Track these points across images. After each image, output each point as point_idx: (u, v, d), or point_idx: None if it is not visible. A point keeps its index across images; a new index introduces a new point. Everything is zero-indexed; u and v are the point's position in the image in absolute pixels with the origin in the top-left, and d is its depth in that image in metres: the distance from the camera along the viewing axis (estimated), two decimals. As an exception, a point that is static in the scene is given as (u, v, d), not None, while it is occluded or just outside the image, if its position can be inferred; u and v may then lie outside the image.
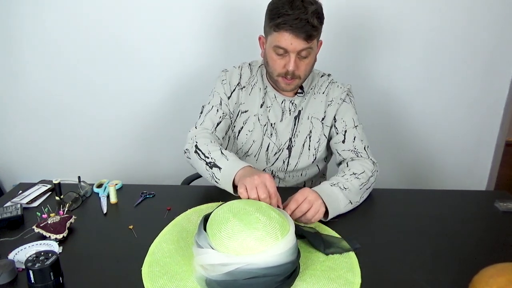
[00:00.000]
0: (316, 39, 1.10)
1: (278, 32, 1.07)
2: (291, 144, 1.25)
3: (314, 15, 1.04)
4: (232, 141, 1.29)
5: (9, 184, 2.10)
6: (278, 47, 1.09)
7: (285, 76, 1.13)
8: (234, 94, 1.25)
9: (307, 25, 1.04)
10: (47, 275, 0.76)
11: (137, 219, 1.04)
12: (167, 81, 1.87)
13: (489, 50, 1.77)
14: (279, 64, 1.12)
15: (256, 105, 1.25)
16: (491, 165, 1.99)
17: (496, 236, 0.96)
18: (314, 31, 1.06)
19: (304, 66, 1.13)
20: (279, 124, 1.25)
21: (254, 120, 1.25)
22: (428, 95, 1.86)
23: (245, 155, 1.28)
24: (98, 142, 2.01)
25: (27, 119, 1.99)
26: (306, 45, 1.07)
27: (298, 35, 1.05)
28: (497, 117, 1.90)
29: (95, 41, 1.82)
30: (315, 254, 0.87)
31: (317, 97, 1.25)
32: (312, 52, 1.12)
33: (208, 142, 1.12)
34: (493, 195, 1.15)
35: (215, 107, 1.23)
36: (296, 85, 1.17)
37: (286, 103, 1.24)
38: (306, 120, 1.24)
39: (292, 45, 1.07)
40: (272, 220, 0.77)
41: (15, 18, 1.80)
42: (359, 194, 1.09)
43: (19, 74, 1.91)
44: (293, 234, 0.79)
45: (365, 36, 1.77)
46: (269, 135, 1.25)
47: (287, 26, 1.04)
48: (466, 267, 0.81)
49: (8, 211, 1.04)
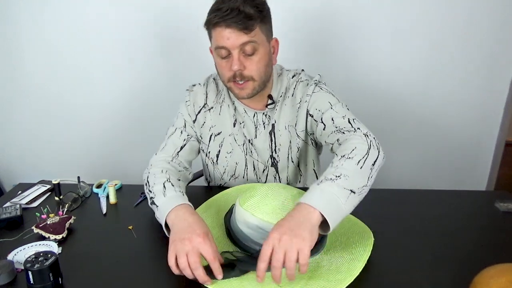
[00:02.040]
0: (258, 30, 0.98)
1: (214, 31, 0.99)
2: (274, 160, 1.17)
3: (246, 2, 0.95)
4: (213, 167, 1.22)
5: (9, 184, 2.10)
6: (218, 48, 1.00)
7: (235, 80, 1.02)
8: (200, 116, 1.17)
9: (239, 14, 0.94)
10: (46, 276, 0.76)
11: (137, 219, 1.04)
12: (167, 81, 1.87)
13: (489, 50, 1.77)
14: (225, 67, 1.02)
15: (229, 125, 1.16)
16: (491, 165, 1.99)
17: (496, 236, 0.96)
18: (250, 19, 0.95)
19: (254, 65, 1.01)
20: (255, 140, 1.16)
21: (231, 141, 1.17)
22: (428, 95, 1.86)
23: (233, 178, 1.21)
24: (97, 142, 2.01)
25: (27, 120, 1.99)
26: (245, 37, 0.96)
27: (231, 26, 0.95)
28: (497, 117, 1.90)
29: (95, 41, 1.82)
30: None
31: (288, 103, 1.13)
32: (260, 48, 1.00)
33: (159, 172, 1.01)
34: (493, 195, 1.15)
35: (178, 129, 1.16)
36: (252, 90, 1.04)
37: (259, 116, 1.14)
38: (284, 131, 1.14)
39: (230, 40, 0.97)
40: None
41: (15, 18, 1.80)
42: (363, 175, 0.85)
43: (19, 75, 1.91)
44: None
45: (365, 36, 1.77)
46: (250, 153, 1.17)
47: (218, 19, 0.95)
48: (466, 267, 0.81)
49: (7, 211, 1.04)
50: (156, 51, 1.81)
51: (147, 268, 0.85)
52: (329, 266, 0.81)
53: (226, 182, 1.24)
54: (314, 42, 1.79)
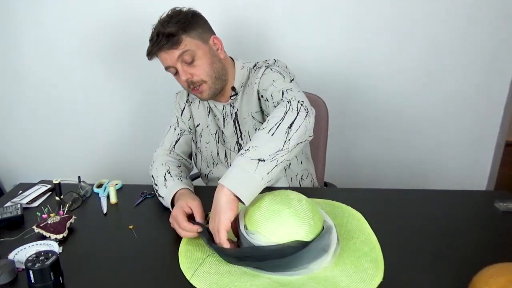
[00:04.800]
0: (187, 39, 1.08)
1: (157, 57, 1.12)
2: (240, 147, 1.24)
3: (166, 23, 1.07)
4: (200, 157, 1.32)
5: (9, 184, 2.10)
6: (166, 69, 1.13)
7: (191, 87, 1.14)
8: (185, 111, 1.29)
9: (163, 36, 1.06)
10: (47, 275, 0.76)
11: (137, 219, 1.05)
12: (168, 81, 1.87)
13: (489, 50, 1.77)
14: (180, 81, 1.14)
15: (204, 117, 1.27)
16: (491, 165, 1.99)
17: (496, 236, 0.96)
18: (173, 36, 1.06)
19: (199, 69, 1.11)
20: (224, 130, 1.25)
21: (207, 132, 1.27)
22: (428, 95, 1.86)
23: (213, 166, 1.30)
24: (98, 142, 2.02)
25: (27, 119, 1.99)
26: (177, 52, 1.07)
27: (162, 49, 1.08)
28: (497, 117, 1.90)
29: (96, 41, 1.82)
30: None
31: (248, 91, 1.19)
32: (197, 52, 1.10)
33: (159, 166, 1.17)
34: (493, 195, 1.15)
35: (172, 127, 1.29)
36: (209, 90, 1.14)
37: (227, 108, 1.23)
38: (248, 118, 1.20)
39: (167, 59, 1.10)
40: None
41: (15, 18, 1.80)
42: (276, 140, 0.87)
43: (19, 75, 1.91)
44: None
45: (365, 37, 1.77)
46: (223, 142, 1.26)
47: (152, 47, 1.09)
48: (466, 267, 0.81)
49: (8, 211, 1.04)
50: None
51: (147, 268, 0.85)
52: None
53: (207, 173, 1.32)
54: (313, 42, 1.79)
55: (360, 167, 1.99)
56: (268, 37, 1.77)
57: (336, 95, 1.82)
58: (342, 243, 0.90)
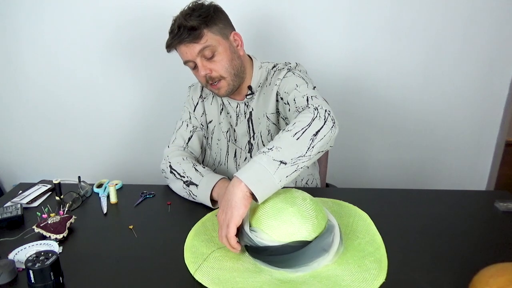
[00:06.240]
0: (208, 34, 1.06)
1: (176, 50, 1.11)
2: (251, 147, 1.24)
3: (188, 16, 1.06)
4: (209, 153, 1.31)
5: (9, 184, 2.10)
6: (185, 62, 1.12)
7: (209, 83, 1.12)
8: (198, 107, 1.28)
9: (185, 29, 1.05)
10: (47, 275, 0.76)
11: (137, 219, 1.05)
12: (168, 80, 1.87)
13: (489, 50, 1.77)
14: (198, 76, 1.13)
15: (216, 113, 1.26)
16: (491, 165, 1.99)
17: (496, 236, 0.96)
18: (195, 30, 1.05)
19: (218, 65, 1.09)
20: (236, 128, 1.24)
21: (219, 129, 1.27)
22: (428, 95, 1.86)
23: (219, 164, 1.30)
24: (98, 142, 2.01)
25: (27, 119, 1.99)
26: (198, 46, 1.06)
27: (183, 42, 1.06)
28: (497, 117, 1.90)
29: (96, 41, 1.82)
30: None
31: (265, 91, 1.19)
32: (218, 48, 1.08)
33: (181, 160, 1.17)
34: (493, 195, 1.15)
35: (185, 123, 1.28)
36: (227, 86, 1.13)
37: (241, 107, 1.22)
38: (263, 118, 1.20)
39: (187, 53, 1.08)
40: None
41: (15, 18, 1.80)
42: (300, 145, 0.87)
43: (19, 74, 1.91)
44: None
45: (365, 37, 1.77)
46: (233, 141, 1.25)
47: (172, 40, 1.07)
48: (466, 267, 0.81)
49: (8, 211, 1.04)
50: (157, 52, 1.81)
51: (147, 268, 0.85)
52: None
53: (212, 170, 1.29)
54: (313, 42, 1.79)
55: (360, 167, 1.99)
56: (274, 35, 1.77)
57: (336, 95, 1.82)
58: (347, 243, 0.90)
